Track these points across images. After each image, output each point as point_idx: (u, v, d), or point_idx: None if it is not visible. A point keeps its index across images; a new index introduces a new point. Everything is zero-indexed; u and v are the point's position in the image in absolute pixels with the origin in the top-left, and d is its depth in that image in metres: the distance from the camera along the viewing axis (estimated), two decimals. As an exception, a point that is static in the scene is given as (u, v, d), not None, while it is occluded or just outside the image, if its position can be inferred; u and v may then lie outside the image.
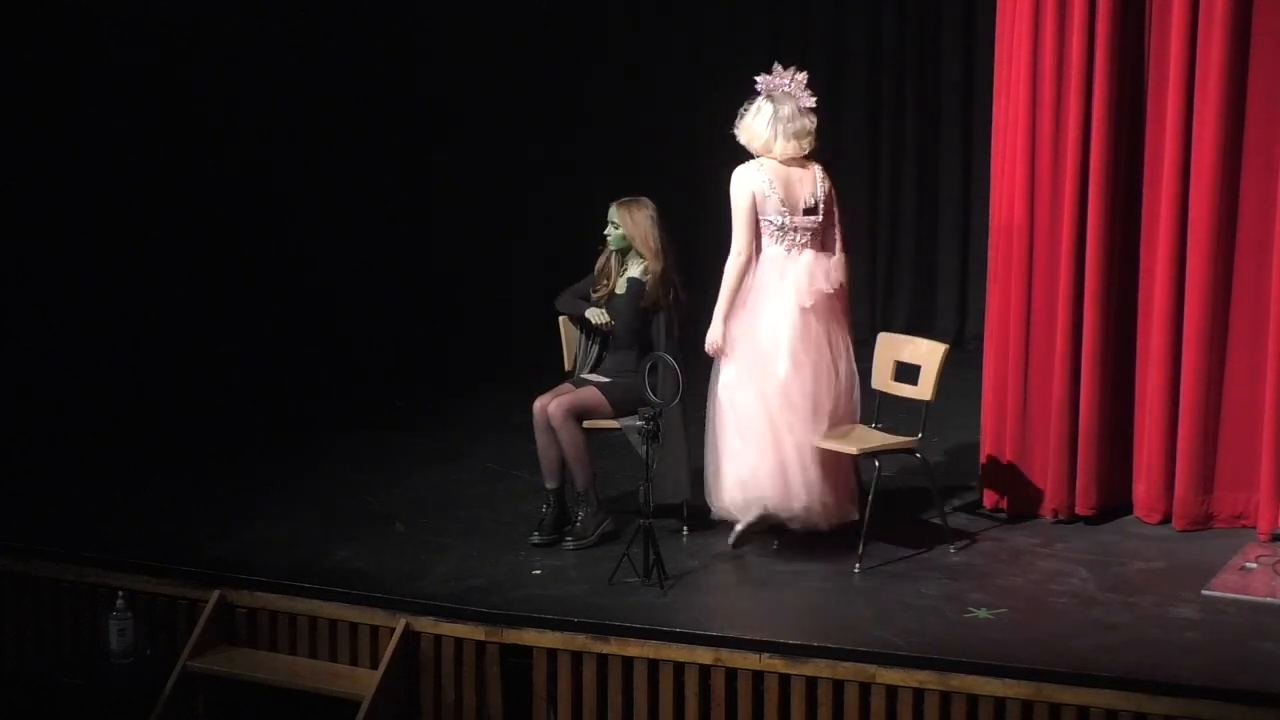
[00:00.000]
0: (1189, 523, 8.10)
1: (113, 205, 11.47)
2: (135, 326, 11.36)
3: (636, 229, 8.13)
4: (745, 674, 6.96)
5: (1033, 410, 8.30)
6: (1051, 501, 8.30)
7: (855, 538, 7.82)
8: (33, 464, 9.25)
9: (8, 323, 10.61)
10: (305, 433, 9.88)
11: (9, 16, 10.77)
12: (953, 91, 11.97)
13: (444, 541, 8.11)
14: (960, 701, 6.69)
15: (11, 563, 8.06)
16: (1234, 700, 6.43)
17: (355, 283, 12.73)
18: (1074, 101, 8.08)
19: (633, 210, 8.17)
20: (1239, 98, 7.89)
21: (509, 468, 9.16)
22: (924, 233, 12.23)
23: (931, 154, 12.15)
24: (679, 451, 8.01)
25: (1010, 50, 8.27)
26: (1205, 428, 8.07)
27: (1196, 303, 8.01)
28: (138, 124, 11.68)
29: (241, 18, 12.05)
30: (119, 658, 7.59)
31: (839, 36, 12.29)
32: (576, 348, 8.36)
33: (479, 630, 7.28)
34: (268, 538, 8.16)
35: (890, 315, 12.19)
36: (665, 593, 7.43)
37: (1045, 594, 7.43)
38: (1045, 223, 8.20)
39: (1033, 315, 8.27)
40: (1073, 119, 8.08)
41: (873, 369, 8.19)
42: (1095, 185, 8.09)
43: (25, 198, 10.91)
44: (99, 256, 11.24)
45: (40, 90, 11.01)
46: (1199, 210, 7.97)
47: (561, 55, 12.94)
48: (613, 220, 8.19)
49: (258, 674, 7.52)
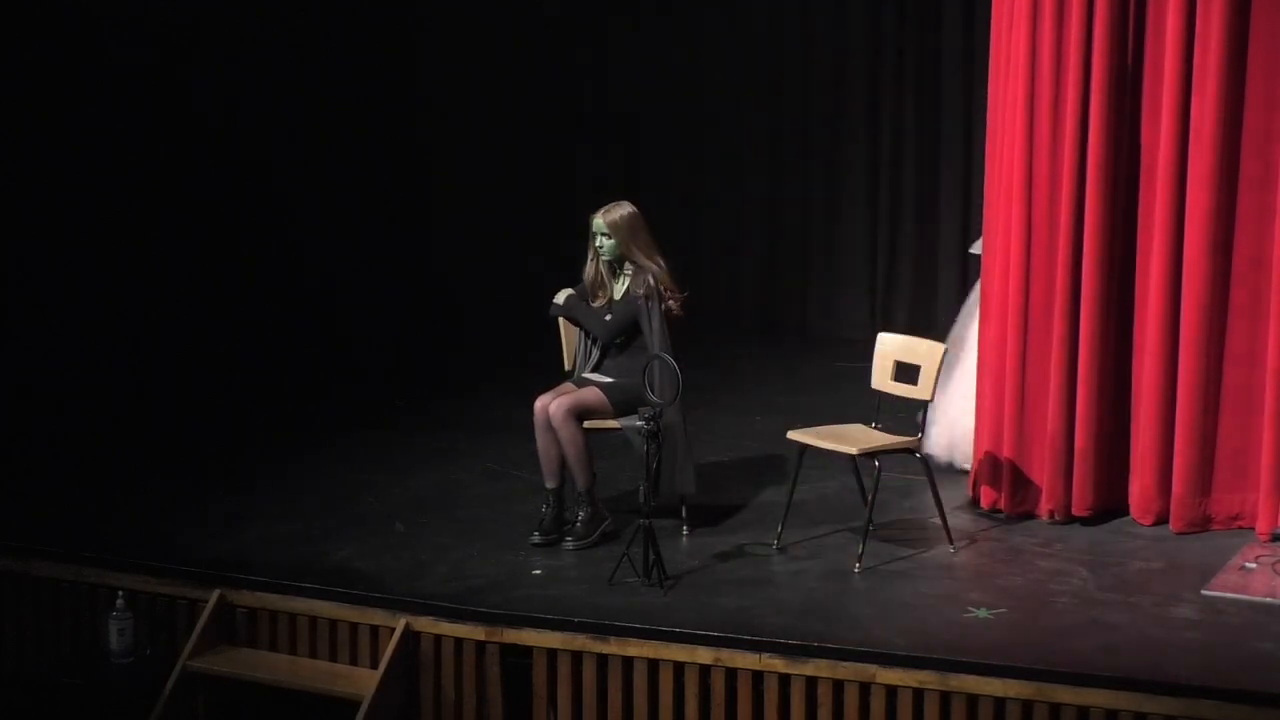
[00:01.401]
0: (1186, 524, 8.09)
1: (113, 205, 11.47)
2: (135, 326, 11.36)
3: (628, 234, 8.06)
4: (745, 674, 6.96)
5: (1029, 410, 8.28)
6: (1048, 502, 8.29)
7: (855, 538, 7.83)
8: (33, 464, 9.24)
9: (8, 323, 10.61)
10: (305, 433, 9.87)
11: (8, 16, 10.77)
12: (954, 90, 11.96)
13: (444, 541, 8.11)
14: (960, 701, 6.70)
15: (11, 563, 8.06)
16: (1234, 700, 6.43)
17: (355, 282, 12.74)
18: (1071, 101, 8.06)
19: (618, 215, 8.09)
20: (1237, 97, 7.88)
21: (509, 468, 9.16)
22: (924, 233, 12.22)
23: (932, 153, 12.15)
24: (680, 448, 8.01)
25: (1007, 49, 8.26)
26: (1203, 430, 8.06)
27: (1193, 303, 8.00)
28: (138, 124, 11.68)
29: (241, 18, 12.06)
30: (119, 658, 7.59)
31: (839, 37, 12.29)
32: (577, 348, 8.35)
33: (479, 630, 7.28)
34: (268, 538, 8.16)
35: (890, 315, 12.19)
36: (665, 593, 7.43)
37: (1045, 594, 7.43)
38: (1042, 222, 8.19)
39: (1029, 315, 8.25)
40: (1069, 118, 8.07)
41: (873, 369, 8.19)
42: (1092, 183, 8.08)
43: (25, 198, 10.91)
44: (99, 256, 11.24)
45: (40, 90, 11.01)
46: (1196, 210, 7.96)
47: (561, 55, 12.95)
48: (602, 231, 8.10)
49: (258, 674, 7.52)
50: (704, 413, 9.74)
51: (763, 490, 8.75)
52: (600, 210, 8.13)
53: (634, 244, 8.07)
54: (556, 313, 8.27)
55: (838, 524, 8.24)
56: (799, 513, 8.18)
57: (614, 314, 8.12)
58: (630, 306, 8.07)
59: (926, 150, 12.16)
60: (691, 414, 8.19)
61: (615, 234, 8.05)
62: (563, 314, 8.28)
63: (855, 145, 12.33)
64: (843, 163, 12.41)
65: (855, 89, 12.29)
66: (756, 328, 12.61)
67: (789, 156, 12.52)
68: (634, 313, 8.05)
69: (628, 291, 8.09)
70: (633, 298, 8.05)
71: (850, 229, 12.42)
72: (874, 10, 12.18)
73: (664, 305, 8.02)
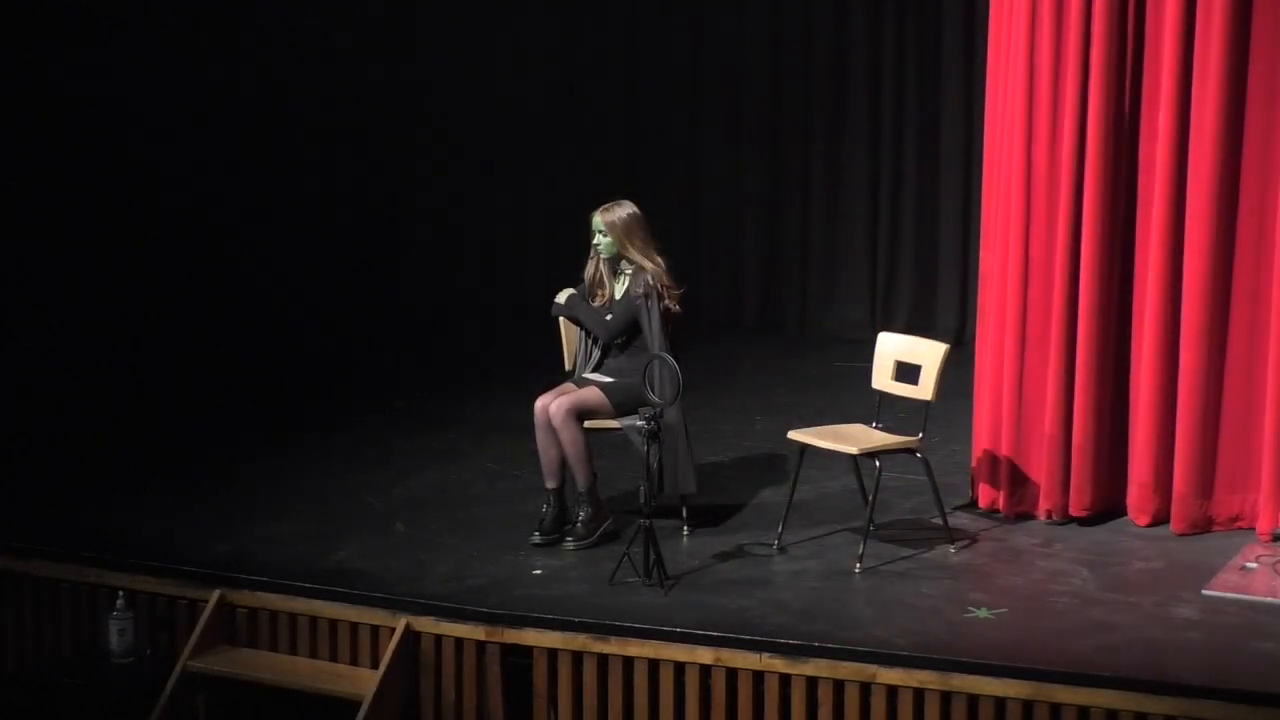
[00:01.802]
0: (1188, 526, 8.08)
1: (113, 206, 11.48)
2: (135, 326, 11.37)
3: (625, 233, 8.06)
4: (745, 674, 6.96)
5: (1027, 411, 8.28)
6: (1046, 502, 8.28)
7: (855, 538, 7.83)
8: (33, 464, 9.24)
9: (8, 323, 10.62)
10: (305, 433, 9.87)
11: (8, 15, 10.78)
12: (954, 91, 11.96)
13: (444, 541, 8.11)
14: (960, 701, 6.69)
15: (11, 563, 8.06)
16: (1234, 700, 6.43)
17: (355, 282, 12.75)
18: (1069, 99, 8.04)
19: (616, 214, 8.09)
20: (1238, 96, 7.86)
21: (509, 468, 9.16)
22: (924, 232, 12.22)
23: (932, 153, 12.14)
24: (681, 448, 8.01)
25: (1005, 49, 8.25)
26: (1203, 430, 8.05)
27: (1195, 302, 7.98)
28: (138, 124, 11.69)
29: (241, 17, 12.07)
30: (119, 658, 7.59)
31: (839, 38, 12.28)
32: (577, 348, 8.35)
33: (479, 630, 7.27)
34: (268, 538, 8.16)
35: (890, 315, 12.19)
36: (665, 593, 7.43)
37: (1045, 594, 7.43)
38: (1041, 221, 8.18)
39: (1028, 314, 8.25)
40: (1068, 117, 8.05)
41: (873, 369, 8.19)
42: (1091, 182, 8.07)
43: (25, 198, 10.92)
44: (99, 256, 11.26)
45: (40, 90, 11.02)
46: (1196, 209, 7.95)
47: (560, 56, 12.95)
48: (599, 229, 8.10)
49: (258, 674, 7.51)
50: (704, 413, 9.74)
51: (763, 490, 8.75)
52: (600, 209, 8.13)
53: (631, 243, 8.06)
54: (558, 312, 8.27)
55: (838, 524, 8.24)
56: (799, 513, 8.18)
57: (614, 314, 8.12)
58: (630, 306, 8.06)
59: (927, 150, 12.15)
60: (692, 414, 8.18)
61: (611, 232, 8.05)
62: (564, 314, 8.27)
63: (855, 145, 12.33)
64: (843, 163, 12.40)
65: (855, 88, 12.28)
66: (756, 328, 12.61)
67: (789, 156, 12.51)
68: (634, 312, 8.05)
69: (627, 291, 8.09)
70: (632, 297, 8.05)
71: (850, 229, 12.42)
72: (874, 10, 12.17)
73: (663, 304, 8.02)
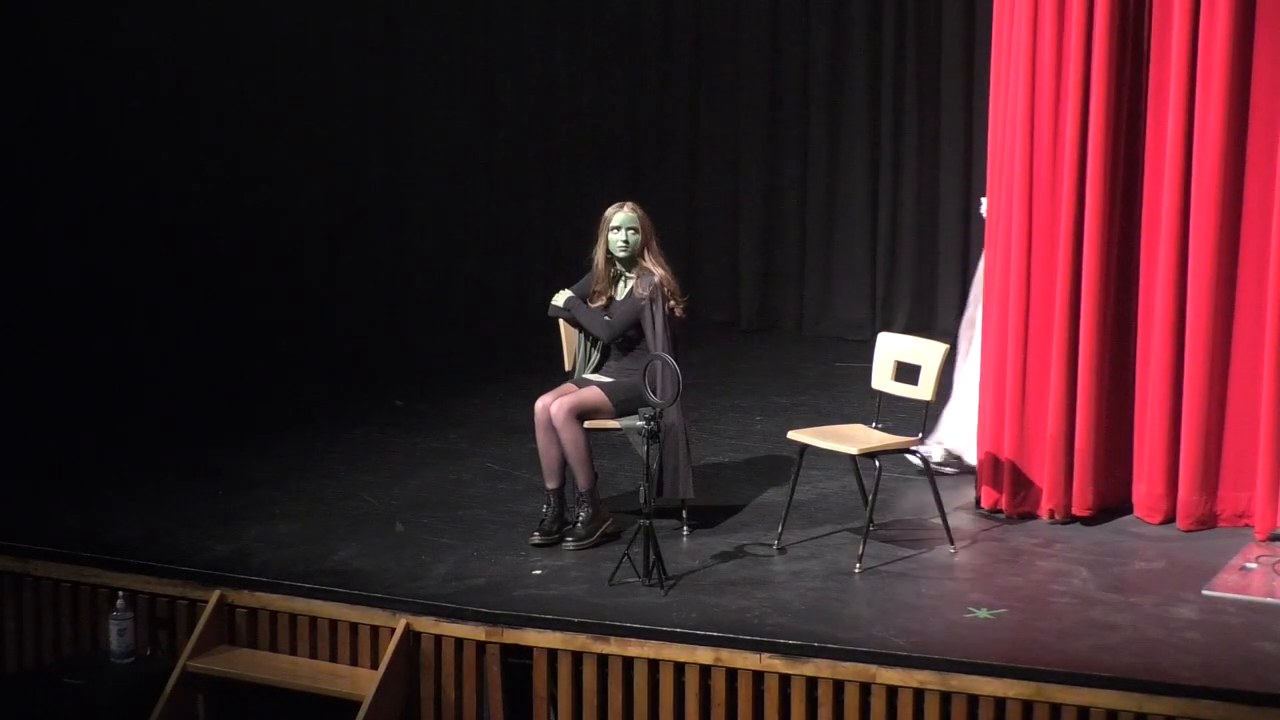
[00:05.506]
0: (1193, 523, 8.09)
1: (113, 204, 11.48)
2: (135, 326, 11.37)
3: (649, 232, 8.07)
4: (745, 674, 6.96)
5: (1030, 410, 8.28)
6: (1049, 502, 8.29)
7: (855, 538, 7.83)
8: (33, 464, 9.24)
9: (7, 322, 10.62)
10: (305, 432, 9.87)
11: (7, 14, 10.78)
12: (954, 91, 11.96)
13: (444, 541, 8.11)
14: (960, 701, 6.69)
15: (11, 563, 8.06)
16: (1234, 700, 6.43)
17: (355, 282, 12.75)
18: (1072, 97, 8.04)
19: (643, 213, 8.09)
20: (1242, 95, 7.85)
21: (509, 468, 9.16)
22: (924, 232, 12.22)
23: (932, 153, 12.14)
24: (680, 451, 8.01)
25: (1008, 47, 8.24)
26: (1209, 428, 8.04)
27: (1201, 302, 7.97)
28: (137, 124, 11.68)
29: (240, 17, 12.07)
30: (119, 658, 7.59)
31: (839, 35, 12.29)
32: (577, 348, 8.35)
33: (479, 630, 7.28)
34: (268, 538, 8.16)
35: (890, 315, 12.19)
36: (666, 593, 7.43)
37: (1045, 594, 7.43)
38: (1044, 220, 8.17)
39: (1030, 314, 8.24)
40: (1070, 115, 8.05)
41: (873, 369, 8.19)
42: (1094, 181, 8.06)
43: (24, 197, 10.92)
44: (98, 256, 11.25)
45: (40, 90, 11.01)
46: (1201, 209, 7.94)
47: (561, 55, 12.95)
48: (629, 225, 8.05)
49: (258, 674, 7.51)
50: (704, 413, 9.74)
51: (763, 490, 8.75)
52: (625, 205, 8.10)
53: (650, 244, 8.08)
54: (556, 314, 8.27)
55: (838, 524, 8.24)
56: (799, 513, 8.19)
57: (614, 315, 8.12)
58: (631, 307, 8.06)
59: (927, 150, 12.15)
60: (692, 414, 8.19)
61: (642, 230, 8.06)
62: (562, 315, 8.27)
63: (855, 145, 12.33)
64: (843, 163, 12.40)
65: (855, 89, 12.28)
66: (756, 328, 12.61)
67: (789, 157, 12.51)
68: (635, 313, 8.05)
69: (631, 292, 8.09)
70: (636, 299, 8.05)
71: (850, 229, 12.42)
72: (875, 10, 12.17)
73: (668, 306, 8.03)
